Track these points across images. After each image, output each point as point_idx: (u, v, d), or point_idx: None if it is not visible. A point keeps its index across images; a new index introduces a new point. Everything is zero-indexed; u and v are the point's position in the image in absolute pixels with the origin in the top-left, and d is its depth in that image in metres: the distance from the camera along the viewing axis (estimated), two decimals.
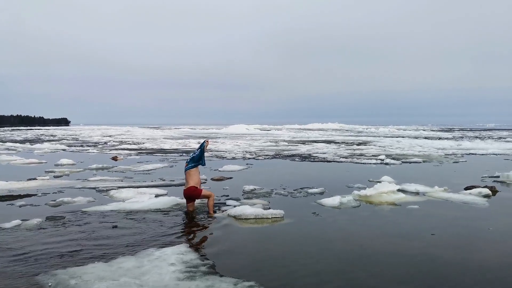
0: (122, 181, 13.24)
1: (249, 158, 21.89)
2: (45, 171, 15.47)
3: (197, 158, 9.18)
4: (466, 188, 11.39)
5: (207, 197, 9.01)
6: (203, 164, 9.30)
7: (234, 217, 8.27)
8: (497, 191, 11.38)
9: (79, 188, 11.76)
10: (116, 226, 7.67)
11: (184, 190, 9.10)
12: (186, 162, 9.28)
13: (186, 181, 9.08)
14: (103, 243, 6.57)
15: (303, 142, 37.61)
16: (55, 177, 14.24)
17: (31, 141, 39.16)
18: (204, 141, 9.58)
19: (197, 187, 8.99)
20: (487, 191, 10.81)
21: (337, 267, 5.70)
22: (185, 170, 9.17)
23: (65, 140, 41.49)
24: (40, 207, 9.23)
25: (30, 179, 13.18)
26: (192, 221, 8.19)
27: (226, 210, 8.82)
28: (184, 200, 9.36)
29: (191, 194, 8.93)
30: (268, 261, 5.92)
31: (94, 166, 16.94)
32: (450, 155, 24.00)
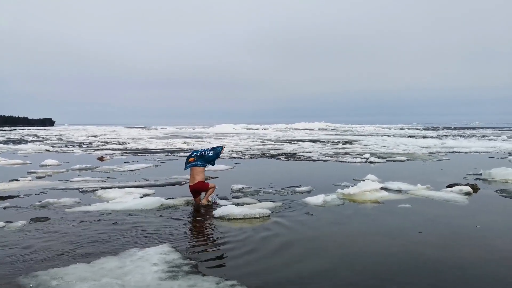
0: (105, 181, 13.15)
1: (235, 158, 21.91)
2: (28, 172, 15.29)
3: (210, 160, 9.92)
4: (448, 186, 11.55)
5: (212, 187, 9.74)
6: (213, 164, 10.15)
7: (221, 217, 8.27)
8: (478, 189, 11.56)
9: (62, 189, 11.65)
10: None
11: (190, 185, 9.64)
12: (192, 156, 9.81)
13: (193, 177, 9.62)
14: (85, 244, 6.53)
15: (290, 141, 37.75)
16: (38, 178, 14.10)
17: (15, 142, 38.64)
18: (222, 147, 10.36)
19: (204, 182, 9.68)
20: (468, 188, 10.98)
21: (319, 265, 5.75)
22: (191, 166, 9.73)
23: (49, 141, 41.02)
24: (25, 209, 9.09)
25: (12, 180, 13.04)
26: (177, 221, 8.17)
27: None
28: (169, 201, 9.62)
29: (199, 188, 9.60)
30: (251, 260, 5.95)
31: (77, 166, 16.80)
32: (434, 153, 24.29)
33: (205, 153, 9.90)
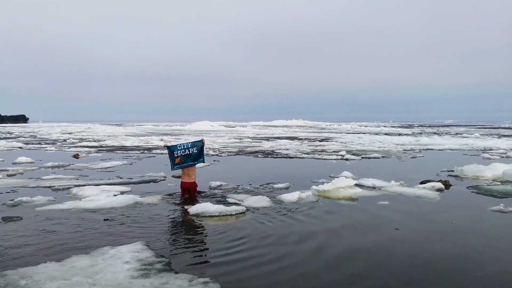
0: (77, 179, 12.95)
1: (212, 155, 21.85)
2: None
3: (195, 157, 10.37)
4: (422, 183, 11.74)
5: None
6: (203, 161, 10.72)
7: (196, 214, 8.23)
8: (450, 185, 11.79)
9: (33, 187, 11.44)
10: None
11: (185, 182, 10.24)
12: (178, 157, 10.17)
13: (188, 175, 10.26)
14: (57, 243, 6.43)
15: (267, 139, 37.80)
16: (9, 175, 13.79)
17: None
18: (201, 141, 10.74)
19: (196, 185, 10.40)
20: (440, 185, 11.19)
21: (292, 261, 5.78)
22: (184, 167, 10.22)
23: (23, 138, 40.18)
24: None
25: None
26: (151, 219, 8.08)
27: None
28: (143, 199, 9.67)
29: (192, 188, 10.27)
30: (224, 257, 5.94)
31: (49, 164, 16.49)
32: (409, 150, 24.67)
33: (189, 151, 10.27)
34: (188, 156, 10.27)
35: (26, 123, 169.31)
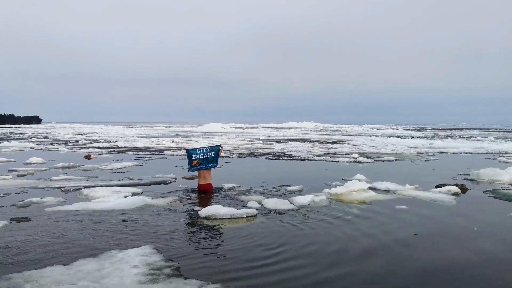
0: (87, 180, 12.87)
1: (223, 157, 21.68)
2: (8, 170, 14.93)
3: (212, 160, 11.01)
4: (437, 186, 11.48)
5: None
6: (215, 166, 11.18)
7: (207, 217, 8.07)
8: (466, 189, 11.50)
9: (43, 188, 11.36)
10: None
11: (202, 184, 10.91)
12: (196, 160, 10.84)
13: (204, 177, 10.95)
14: (65, 245, 6.31)
15: (278, 141, 37.62)
16: (19, 176, 13.76)
17: None
18: (220, 145, 11.40)
19: (212, 186, 10.95)
20: (456, 189, 10.90)
21: (304, 267, 5.60)
22: (200, 169, 10.87)
23: (35, 139, 40.43)
24: (5, 208, 8.81)
25: None
26: (160, 221, 7.95)
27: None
28: (153, 201, 9.61)
29: (209, 189, 10.85)
30: (235, 262, 5.77)
31: (60, 164, 16.46)
32: (422, 153, 24.33)
33: (207, 155, 10.81)
34: (205, 159, 10.86)
35: (39, 124, 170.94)
